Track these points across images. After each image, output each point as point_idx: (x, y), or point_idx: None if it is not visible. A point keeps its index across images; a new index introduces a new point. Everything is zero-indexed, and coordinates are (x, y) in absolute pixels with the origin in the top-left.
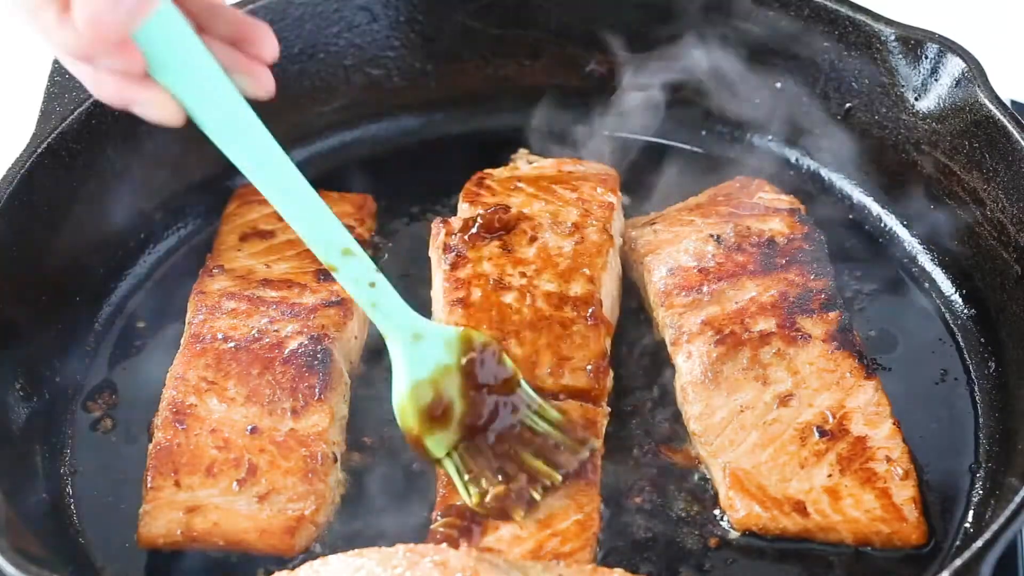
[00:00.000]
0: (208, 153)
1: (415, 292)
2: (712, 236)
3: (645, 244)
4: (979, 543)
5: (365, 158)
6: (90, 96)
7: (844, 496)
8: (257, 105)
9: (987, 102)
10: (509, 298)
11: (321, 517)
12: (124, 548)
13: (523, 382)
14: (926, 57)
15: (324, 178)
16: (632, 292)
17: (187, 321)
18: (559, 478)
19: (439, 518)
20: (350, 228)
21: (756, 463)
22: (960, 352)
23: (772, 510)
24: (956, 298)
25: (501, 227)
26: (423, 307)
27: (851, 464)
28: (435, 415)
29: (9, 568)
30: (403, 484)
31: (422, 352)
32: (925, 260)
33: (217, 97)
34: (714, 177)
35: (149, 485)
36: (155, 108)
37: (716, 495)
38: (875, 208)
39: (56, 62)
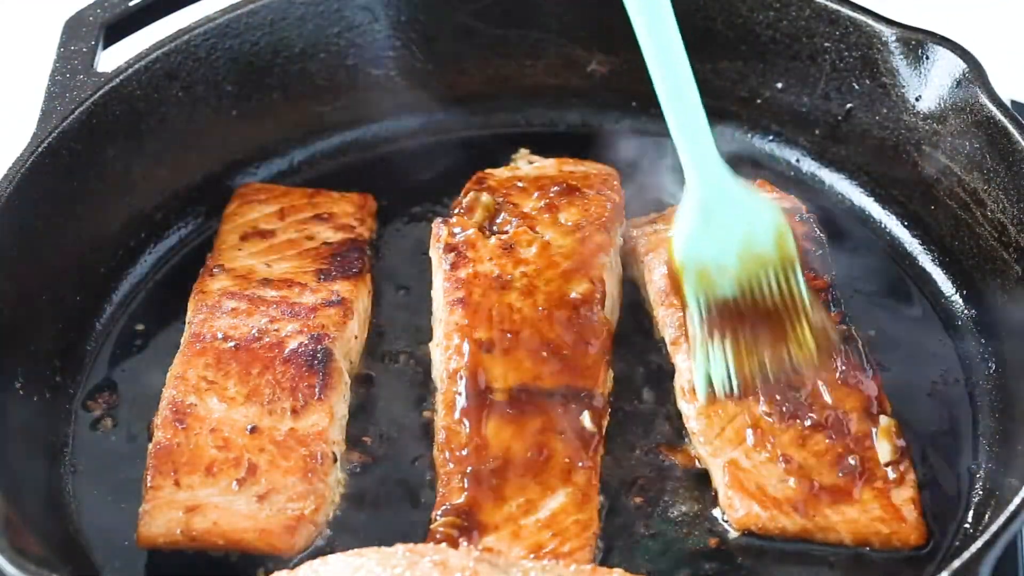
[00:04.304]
0: (208, 153)
1: (415, 292)
2: None
3: (645, 244)
4: (978, 544)
5: (365, 158)
6: (90, 96)
7: (843, 496)
8: (257, 104)
9: (987, 102)
10: (509, 298)
11: (321, 517)
12: (124, 548)
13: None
14: (926, 57)
15: (324, 178)
16: (632, 292)
17: (187, 321)
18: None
19: (439, 518)
20: (350, 228)
21: (756, 463)
22: (960, 352)
23: (771, 510)
24: (956, 298)
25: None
26: (423, 307)
27: (850, 464)
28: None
29: (9, 568)
30: (403, 483)
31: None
32: (925, 260)
33: None
34: None
35: (149, 484)
36: None
37: (716, 495)
38: (876, 208)
39: (56, 62)
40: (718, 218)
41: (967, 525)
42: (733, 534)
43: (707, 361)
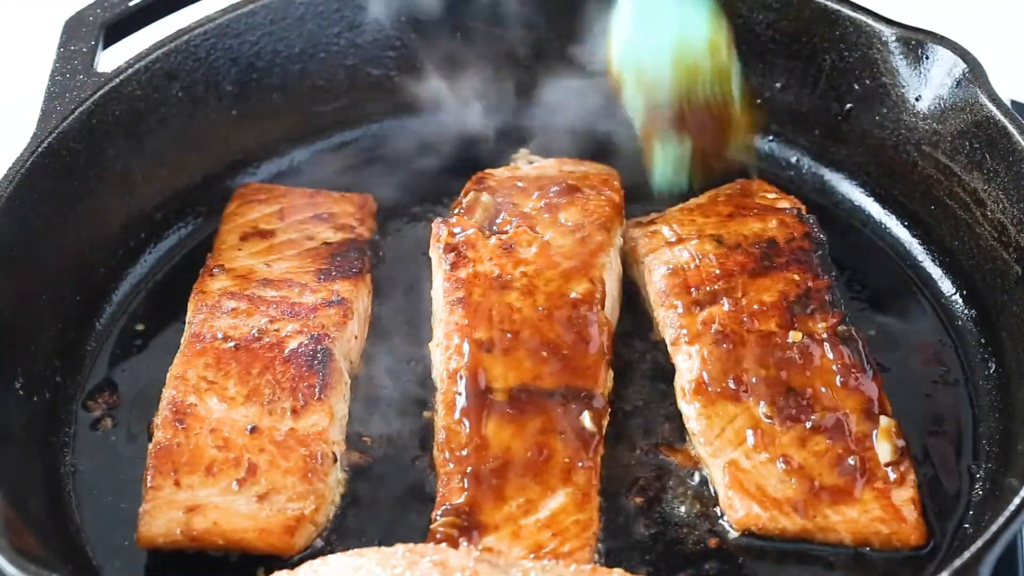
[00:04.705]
0: (208, 153)
1: (415, 292)
2: (712, 236)
3: (645, 244)
4: (978, 544)
5: (365, 158)
6: (90, 96)
7: (843, 496)
8: (257, 104)
9: (987, 102)
10: (509, 298)
11: (321, 517)
12: (124, 548)
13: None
14: (926, 57)
15: (324, 178)
16: (632, 292)
17: (187, 321)
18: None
19: (439, 518)
20: (350, 228)
21: (756, 463)
22: (960, 352)
23: (771, 510)
24: (956, 298)
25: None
26: (423, 307)
27: (851, 465)
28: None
29: (9, 568)
30: (403, 483)
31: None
32: (925, 260)
33: None
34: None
35: (149, 485)
36: None
37: (716, 495)
38: (875, 208)
39: (56, 62)
40: (651, 25)
41: (967, 525)
42: (733, 534)
43: (662, 160)
